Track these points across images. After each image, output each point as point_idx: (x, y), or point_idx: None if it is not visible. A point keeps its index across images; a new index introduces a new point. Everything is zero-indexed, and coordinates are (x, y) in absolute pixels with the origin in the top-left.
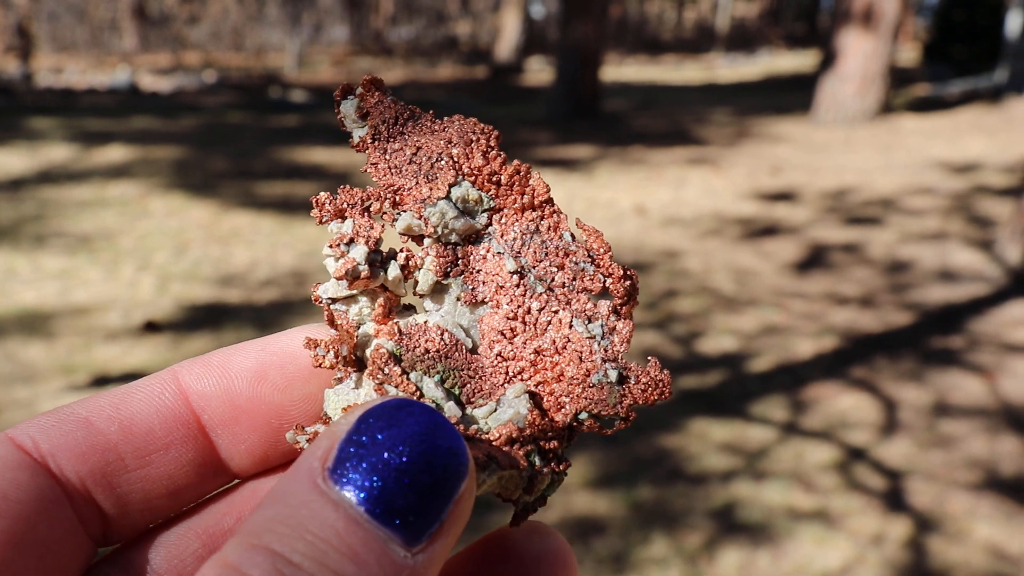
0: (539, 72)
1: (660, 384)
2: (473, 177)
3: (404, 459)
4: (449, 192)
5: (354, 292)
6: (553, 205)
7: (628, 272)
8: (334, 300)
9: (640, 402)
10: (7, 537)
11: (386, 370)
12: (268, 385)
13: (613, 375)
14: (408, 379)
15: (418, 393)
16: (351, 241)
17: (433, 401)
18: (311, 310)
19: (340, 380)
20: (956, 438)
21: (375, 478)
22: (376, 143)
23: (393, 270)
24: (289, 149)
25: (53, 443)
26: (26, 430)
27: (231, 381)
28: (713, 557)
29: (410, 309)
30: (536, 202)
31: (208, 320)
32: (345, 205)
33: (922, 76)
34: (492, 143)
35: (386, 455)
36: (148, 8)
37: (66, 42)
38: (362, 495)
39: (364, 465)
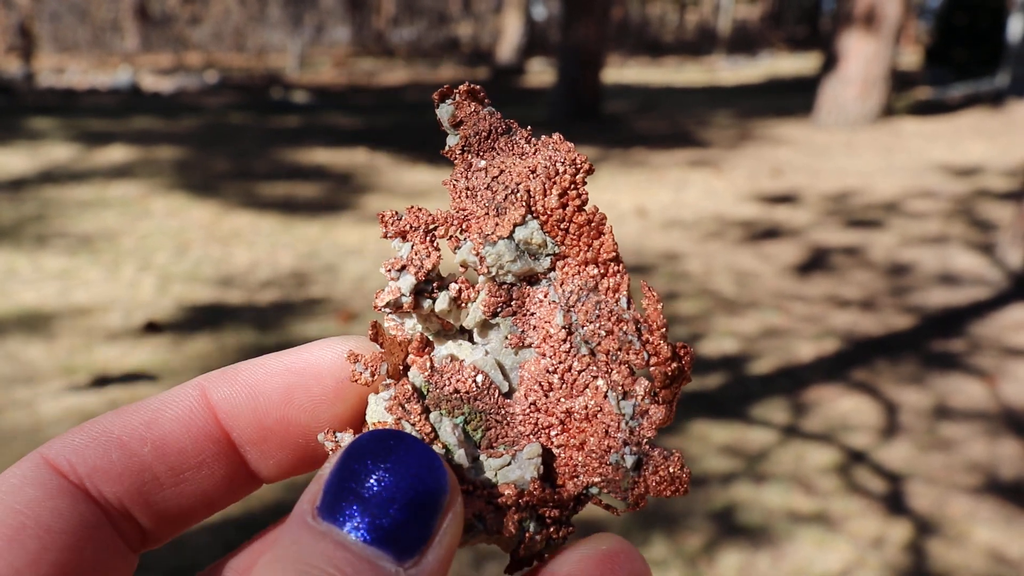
0: (540, 73)
1: (677, 482)
2: (544, 218)
3: (381, 485)
4: (513, 232)
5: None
6: (619, 264)
7: (680, 352)
8: (392, 310)
9: (652, 494)
10: (56, 569)
11: (407, 407)
12: (295, 408)
13: (630, 461)
14: (426, 419)
15: (433, 435)
16: (403, 268)
17: (445, 446)
18: (312, 310)
19: (387, 387)
20: (956, 441)
21: (358, 506)
22: (464, 155)
23: (442, 302)
24: (290, 150)
25: (90, 465)
26: (62, 452)
27: (259, 401)
28: (713, 559)
29: (465, 333)
30: (601, 258)
31: (209, 321)
32: (408, 227)
33: (923, 79)
34: (577, 179)
35: (367, 483)
36: (150, 8)
37: (68, 42)
38: (349, 523)
39: (349, 497)
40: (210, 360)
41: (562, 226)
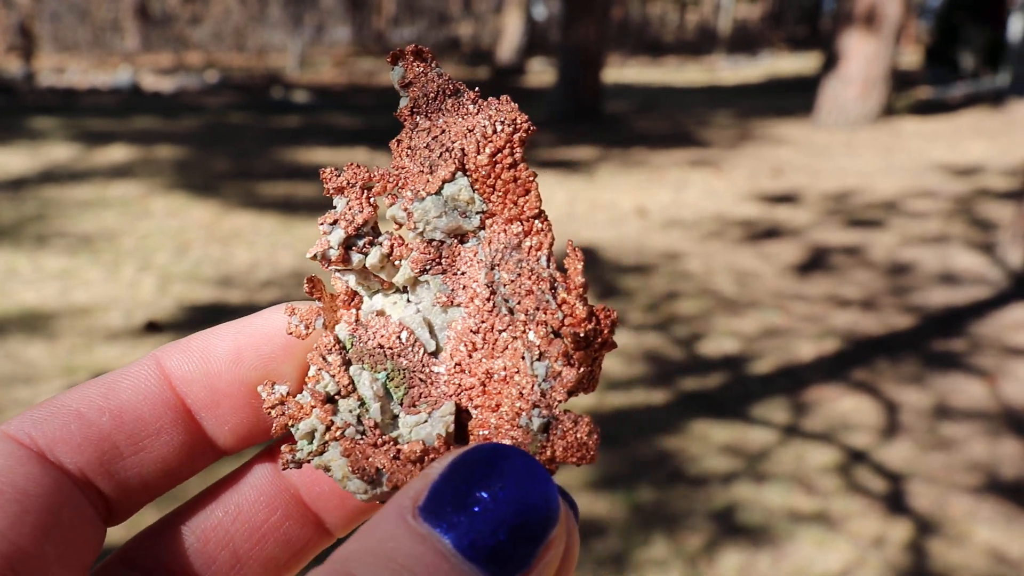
0: (541, 73)
1: (583, 448)
2: (475, 175)
3: (494, 503)
4: (441, 188)
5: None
6: (543, 221)
7: (599, 314)
8: (323, 263)
9: (558, 460)
10: (36, 530)
11: (327, 358)
12: (246, 367)
13: (537, 423)
14: (345, 371)
15: (351, 387)
16: (335, 222)
17: (361, 399)
18: None
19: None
20: (957, 441)
21: (465, 519)
22: (413, 116)
23: (373, 257)
24: (291, 150)
25: (49, 437)
26: (21, 426)
27: (210, 364)
28: (713, 559)
29: (403, 293)
30: (524, 215)
31: (209, 320)
32: (345, 183)
33: (924, 79)
34: (514, 139)
35: (477, 497)
36: (150, 8)
37: (68, 42)
38: (451, 533)
39: (454, 506)
40: None
41: (489, 183)
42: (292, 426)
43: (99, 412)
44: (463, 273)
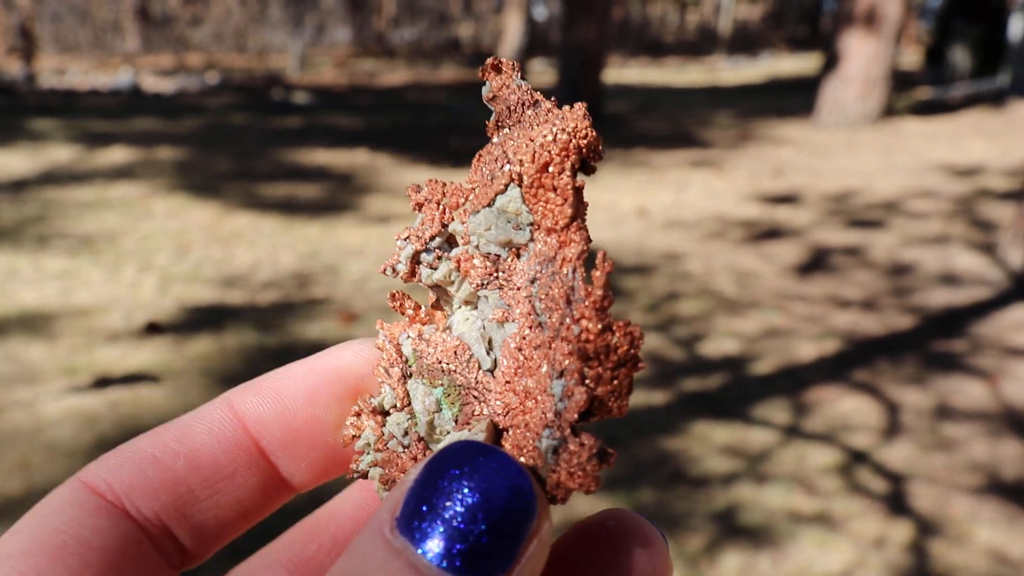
0: (541, 74)
1: (584, 474)
2: (525, 186)
3: (465, 506)
4: (494, 200)
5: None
6: (576, 231)
7: (618, 328)
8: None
9: (564, 485)
10: None
11: (388, 371)
12: (320, 407)
13: (546, 445)
14: (404, 385)
15: (406, 400)
16: (408, 237)
17: (411, 414)
18: (313, 311)
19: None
20: (958, 441)
21: (438, 525)
22: (498, 129)
23: (440, 272)
24: (291, 150)
25: (126, 484)
26: (98, 473)
27: (285, 405)
28: (714, 560)
29: (474, 309)
30: (558, 225)
31: (210, 321)
32: (424, 199)
33: (924, 79)
34: (568, 148)
35: (448, 501)
36: (151, 9)
37: (69, 43)
38: (424, 542)
39: (428, 513)
40: (211, 361)
41: (533, 193)
42: (357, 437)
43: (174, 456)
44: (518, 288)
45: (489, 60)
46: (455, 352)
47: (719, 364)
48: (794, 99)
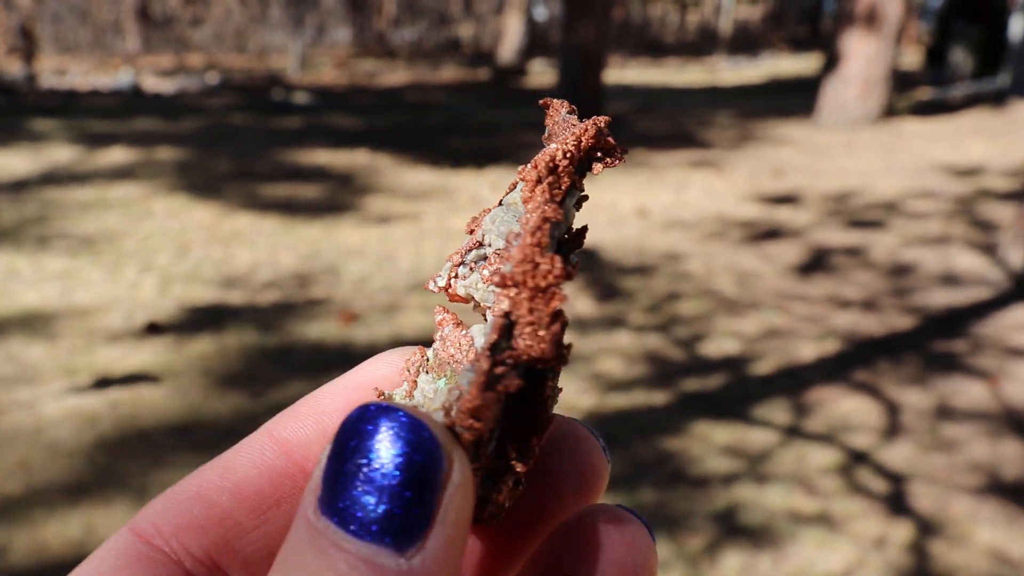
0: (541, 74)
1: (477, 384)
2: (531, 181)
3: (372, 465)
4: (503, 199)
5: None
6: (539, 192)
7: (547, 260)
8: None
9: (470, 406)
10: None
11: (410, 369)
12: None
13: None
14: (415, 379)
15: (412, 393)
16: (452, 256)
17: (419, 404)
18: (313, 311)
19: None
20: (958, 442)
21: (351, 495)
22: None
23: (469, 280)
24: (291, 151)
25: (173, 525)
26: (146, 518)
27: (325, 424)
28: (715, 560)
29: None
30: (528, 190)
31: (210, 321)
32: (474, 225)
33: (924, 79)
34: (573, 148)
35: (355, 467)
36: (151, 10)
37: (69, 43)
38: (339, 517)
39: (342, 484)
40: (211, 361)
41: (532, 184)
42: None
43: (218, 492)
44: None
45: (541, 101)
46: (460, 343)
47: (719, 364)
48: (794, 99)
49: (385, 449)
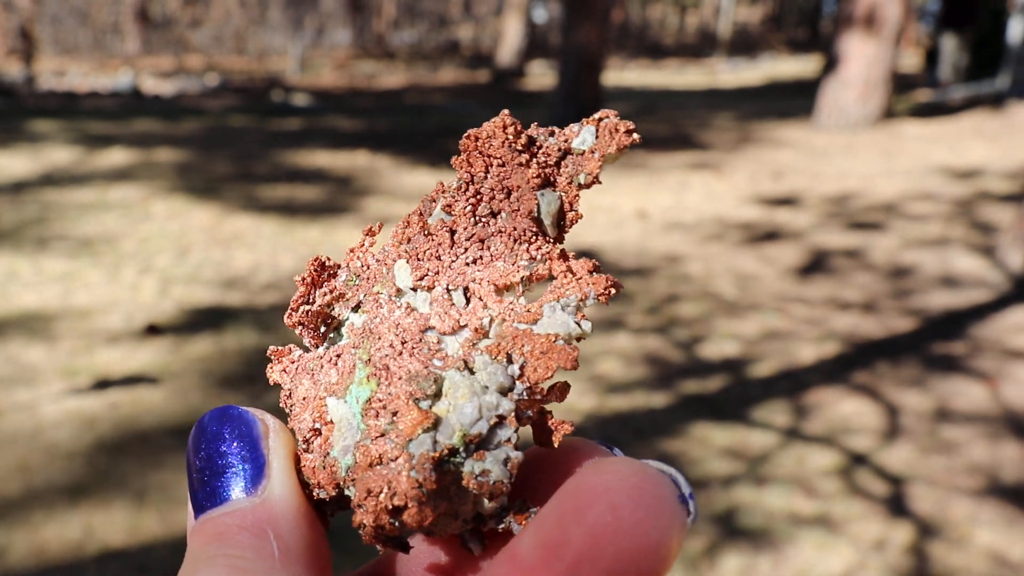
0: (541, 76)
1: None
2: None
3: (203, 456)
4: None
5: None
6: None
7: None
8: None
9: None
10: None
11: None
12: None
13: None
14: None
15: None
16: None
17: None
18: None
19: None
20: (958, 444)
21: (201, 490)
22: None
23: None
24: (291, 152)
25: None
26: None
27: None
28: (714, 562)
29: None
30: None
31: (210, 323)
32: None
33: (924, 82)
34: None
35: (198, 465)
36: (151, 11)
37: (69, 45)
38: (205, 508)
39: (196, 484)
40: (211, 362)
41: None
42: None
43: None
44: None
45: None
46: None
47: (719, 366)
48: (794, 101)
49: (205, 433)
